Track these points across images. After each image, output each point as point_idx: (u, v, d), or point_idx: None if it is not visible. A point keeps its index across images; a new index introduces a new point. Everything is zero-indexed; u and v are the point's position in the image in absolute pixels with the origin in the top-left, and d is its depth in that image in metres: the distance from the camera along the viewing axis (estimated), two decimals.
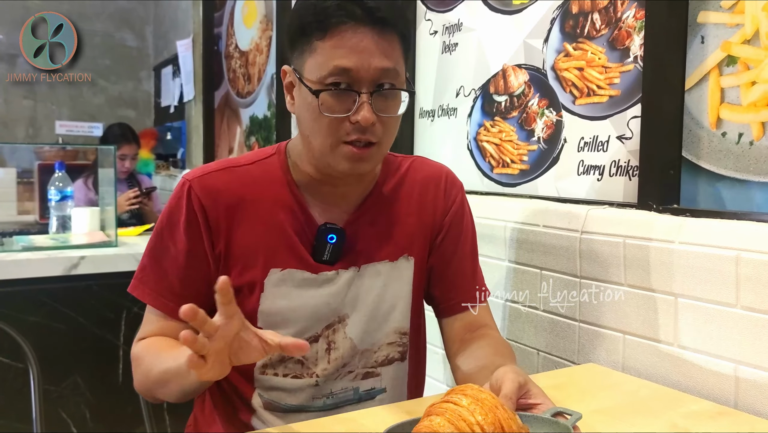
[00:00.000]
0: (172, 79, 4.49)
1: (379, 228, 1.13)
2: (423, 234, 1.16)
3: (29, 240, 2.42)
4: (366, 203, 1.12)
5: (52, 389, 2.17)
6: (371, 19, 0.96)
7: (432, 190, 1.18)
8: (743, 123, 1.16)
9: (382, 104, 0.99)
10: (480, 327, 1.15)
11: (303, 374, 1.09)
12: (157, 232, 1.08)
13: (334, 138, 0.99)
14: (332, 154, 1.01)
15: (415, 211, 1.16)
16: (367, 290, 1.11)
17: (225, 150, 3.70)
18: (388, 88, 0.99)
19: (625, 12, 1.35)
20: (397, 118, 1.03)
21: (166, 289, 1.06)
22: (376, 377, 1.14)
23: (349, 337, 1.11)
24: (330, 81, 0.97)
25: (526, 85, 1.61)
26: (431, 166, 1.21)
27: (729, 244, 1.09)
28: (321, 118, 0.98)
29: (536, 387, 0.89)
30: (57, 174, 2.55)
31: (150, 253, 1.09)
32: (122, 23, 5.18)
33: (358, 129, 0.98)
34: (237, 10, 3.48)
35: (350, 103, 0.97)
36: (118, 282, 2.22)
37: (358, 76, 0.96)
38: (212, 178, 1.07)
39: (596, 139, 1.43)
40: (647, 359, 1.23)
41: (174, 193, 1.08)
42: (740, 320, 1.07)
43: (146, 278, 1.08)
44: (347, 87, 0.97)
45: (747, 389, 1.07)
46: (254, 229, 1.06)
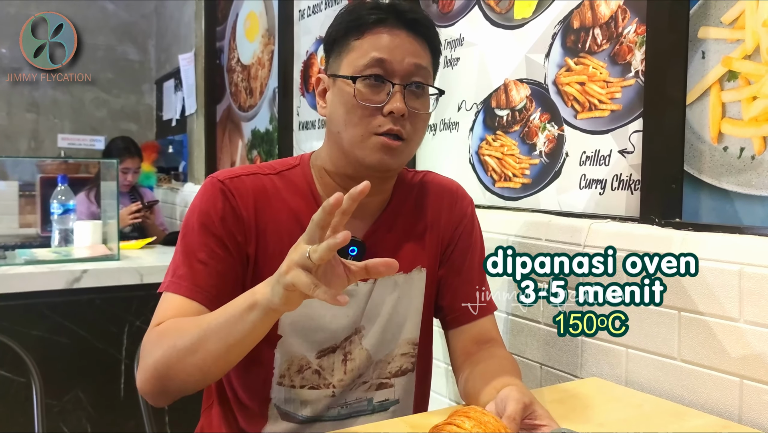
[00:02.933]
0: (174, 93, 4.50)
1: (395, 240, 1.14)
2: (434, 246, 1.18)
3: (31, 253, 2.43)
4: (383, 215, 1.14)
5: (54, 403, 2.16)
6: (405, 21, 1.04)
7: (443, 203, 1.20)
8: (745, 137, 1.16)
9: (412, 99, 1.04)
10: (487, 341, 1.15)
11: (320, 385, 1.10)
12: (190, 229, 1.05)
13: (366, 129, 1.03)
14: (363, 146, 1.03)
15: (427, 223, 1.18)
16: (383, 301, 1.13)
17: (227, 163, 3.71)
18: (420, 84, 1.05)
19: (626, 27, 1.36)
20: (425, 117, 1.08)
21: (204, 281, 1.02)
22: (390, 388, 1.15)
23: (365, 348, 1.12)
24: (367, 72, 1.02)
25: (527, 100, 1.62)
26: (442, 180, 1.24)
27: (732, 258, 1.09)
28: (355, 109, 1.03)
29: (541, 408, 0.88)
30: (59, 187, 2.56)
31: (184, 250, 1.05)
32: (125, 37, 5.20)
33: (390, 120, 1.02)
34: (239, 24, 3.50)
35: (384, 95, 1.03)
36: (121, 296, 2.23)
37: (392, 68, 1.02)
38: (243, 181, 1.08)
39: (598, 154, 1.43)
40: (651, 373, 1.22)
41: (204, 192, 1.07)
42: (744, 334, 1.07)
43: (181, 272, 1.03)
44: (382, 78, 1.02)
45: (751, 404, 1.06)
46: (279, 238, 1.06)
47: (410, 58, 1.03)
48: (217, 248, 1.04)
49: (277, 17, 3.01)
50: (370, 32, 1.03)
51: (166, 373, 0.94)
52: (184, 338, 0.92)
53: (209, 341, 0.90)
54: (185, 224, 1.07)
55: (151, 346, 0.97)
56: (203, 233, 1.04)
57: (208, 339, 0.90)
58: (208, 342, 0.90)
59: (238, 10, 3.51)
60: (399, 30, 1.04)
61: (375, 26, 1.03)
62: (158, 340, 0.96)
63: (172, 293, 1.02)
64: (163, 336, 0.96)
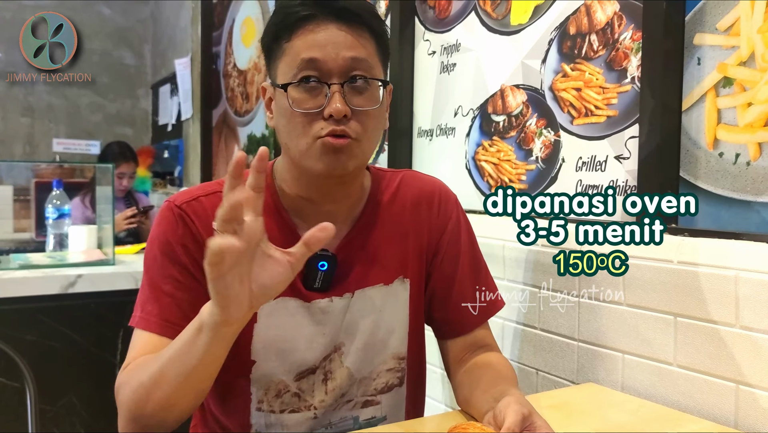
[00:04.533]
0: (170, 98, 4.50)
1: (372, 250, 1.08)
2: (418, 254, 1.12)
3: (26, 258, 2.42)
4: (357, 225, 1.08)
5: (48, 408, 2.15)
6: (335, 13, 0.95)
7: (425, 207, 1.13)
8: (740, 143, 1.17)
9: (355, 97, 0.96)
10: (481, 347, 1.12)
11: (301, 408, 1.05)
12: (152, 260, 1.01)
13: (309, 136, 0.95)
14: (309, 154, 0.96)
15: (408, 230, 1.11)
16: (363, 316, 1.07)
17: (222, 168, 3.70)
18: (360, 79, 0.96)
19: (622, 33, 1.37)
20: (374, 114, 0.99)
21: (174, 315, 0.98)
22: (376, 405, 1.10)
23: (345, 366, 1.07)
24: (300, 76, 0.95)
25: (524, 105, 1.62)
26: (423, 181, 1.17)
27: (728, 263, 1.10)
28: (294, 117, 0.96)
29: (540, 419, 0.85)
30: (55, 192, 2.55)
31: (149, 283, 1.01)
32: (120, 41, 5.20)
33: (332, 122, 0.94)
34: (236, 29, 3.51)
35: (321, 98, 0.95)
36: (116, 300, 2.23)
37: (327, 67, 0.94)
38: (201, 203, 1.02)
39: (594, 159, 1.44)
40: (647, 379, 1.22)
41: (162, 219, 1.02)
42: (740, 339, 1.08)
43: (149, 308, 0.99)
44: (317, 81, 0.95)
45: (747, 409, 1.07)
46: None
47: (345, 52, 0.95)
48: (182, 276, 0.99)
49: None
50: (297, 31, 0.95)
51: (139, 413, 0.90)
52: (147, 373, 0.89)
53: (169, 372, 0.86)
54: (147, 254, 1.03)
55: (123, 388, 0.93)
56: (166, 262, 0.99)
57: (168, 370, 0.86)
58: (168, 373, 0.86)
59: (235, 15, 3.52)
60: (328, 23, 0.95)
61: (302, 24, 0.95)
62: (127, 381, 0.93)
63: (142, 329, 0.98)
64: (131, 376, 0.93)
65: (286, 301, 1.03)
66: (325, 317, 1.05)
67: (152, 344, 0.96)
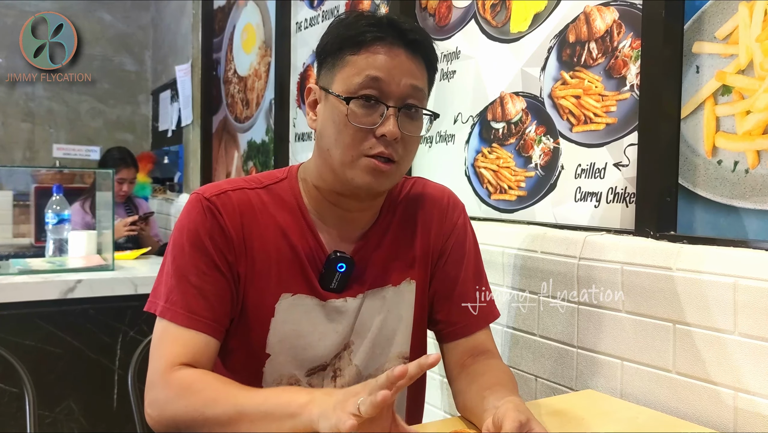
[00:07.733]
0: (170, 104, 4.51)
1: (384, 253, 1.12)
2: (424, 257, 1.16)
3: (26, 263, 2.42)
4: (373, 229, 1.12)
5: (46, 414, 2.15)
6: (404, 40, 1.00)
7: (434, 212, 1.17)
8: (738, 151, 1.17)
9: (406, 123, 1.01)
10: (482, 352, 1.14)
11: None
12: (179, 249, 1.03)
13: (357, 150, 1.00)
14: (353, 167, 1.00)
15: (417, 234, 1.15)
16: (372, 316, 1.11)
17: (222, 174, 3.71)
18: (414, 107, 1.02)
19: (622, 41, 1.38)
20: (416, 140, 1.05)
21: (200, 306, 1.00)
22: None
23: (354, 363, 1.11)
24: (361, 92, 0.99)
25: (523, 113, 1.63)
26: (433, 188, 1.21)
27: (726, 271, 1.10)
28: (347, 128, 0.99)
29: (539, 425, 0.86)
30: (55, 197, 2.55)
31: (175, 272, 1.02)
32: (121, 47, 5.21)
33: (382, 143, 0.99)
34: (236, 36, 3.52)
35: (377, 116, 0.99)
36: (115, 306, 2.22)
37: (389, 89, 0.99)
38: (229, 197, 1.05)
39: (593, 167, 1.44)
40: (645, 386, 1.23)
41: (190, 210, 1.04)
42: (738, 346, 1.08)
43: (175, 298, 1.00)
44: (376, 99, 0.99)
45: (746, 416, 1.07)
46: (266, 254, 1.05)
47: (407, 80, 1.00)
48: (209, 268, 1.01)
49: (274, 29, 3.03)
50: (366, 48, 0.99)
51: (186, 429, 0.93)
52: (214, 409, 0.91)
53: (242, 425, 0.89)
54: (174, 243, 1.04)
55: (173, 394, 0.95)
56: (194, 253, 1.01)
57: (241, 422, 0.89)
58: (240, 425, 0.89)
59: (236, 22, 3.53)
60: (398, 49, 1.00)
61: (373, 43, 0.99)
62: (182, 393, 0.94)
63: (168, 320, 1.00)
64: (187, 392, 0.94)
65: (303, 298, 1.06)
66: (339, 316, 1.09)
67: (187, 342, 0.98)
